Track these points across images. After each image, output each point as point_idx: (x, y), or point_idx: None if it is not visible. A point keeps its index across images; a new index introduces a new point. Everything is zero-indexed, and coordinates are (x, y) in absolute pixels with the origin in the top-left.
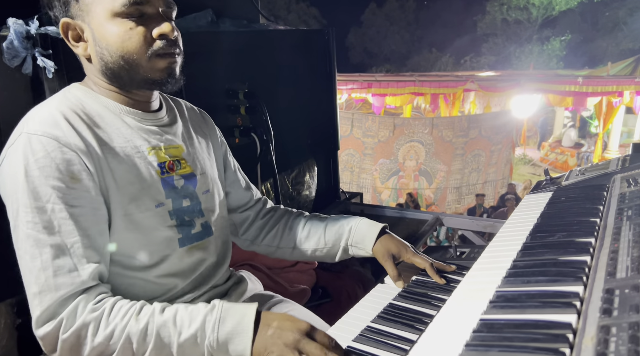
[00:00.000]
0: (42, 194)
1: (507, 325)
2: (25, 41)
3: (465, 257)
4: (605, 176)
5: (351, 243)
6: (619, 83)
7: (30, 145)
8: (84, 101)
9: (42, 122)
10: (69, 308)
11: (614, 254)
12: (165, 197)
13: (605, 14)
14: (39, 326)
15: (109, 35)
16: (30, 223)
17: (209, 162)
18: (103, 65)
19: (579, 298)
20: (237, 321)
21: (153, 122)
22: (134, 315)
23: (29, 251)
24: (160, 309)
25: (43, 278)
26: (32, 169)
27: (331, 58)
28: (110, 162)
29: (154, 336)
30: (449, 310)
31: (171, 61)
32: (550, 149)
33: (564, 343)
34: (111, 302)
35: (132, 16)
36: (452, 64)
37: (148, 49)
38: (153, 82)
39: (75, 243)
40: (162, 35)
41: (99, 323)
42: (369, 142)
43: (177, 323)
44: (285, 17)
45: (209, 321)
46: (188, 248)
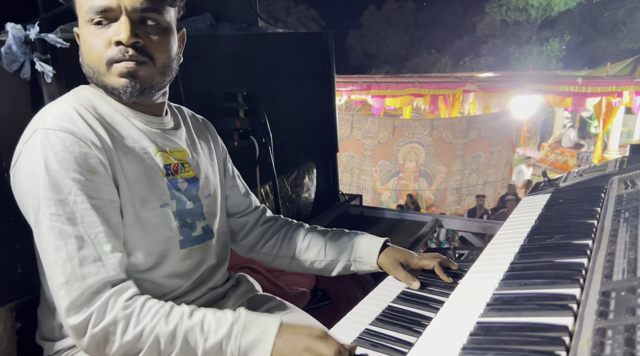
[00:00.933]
0: (63, 186)
1: (504, 328)
2: (24, 46)
3: (464, 259)
4: (603, 178)
5: (354, 259)
6: (618, 83)
7: (48, 139)
8: (93, 101)
9: (58, 117)
10: (99, 302)
11: (611, 257)
12: (170, 198)
13: (604, 14)
14: (69, 316)
15: (82, 43)
16: (54, 215)
17: (211, 168)
18: (87, 74)
19: (575, 300)
20: (260, 331)
21: (159, 126)
22: (164, 317)
23: (53, 243)
24: (189, 313)
25: (69, 268)
26: (51, 162)
27: (330, 60)
28: (121, 159)
29: (182, 339)
30: (446, 313)
31: (128, 67)
32: (550, 149)
33: (560, 346)
34: (141, 301)
35: (100, 24)
36: (452, 65)
37: (104, 56)
38: (114, 89)
39: (99, 233)
40: (117, 42)
41: (129, 322)
42: (369, 144)
43: (205, 328)
44: (285, 20)
45: (234, 329)
46: (189, 250)
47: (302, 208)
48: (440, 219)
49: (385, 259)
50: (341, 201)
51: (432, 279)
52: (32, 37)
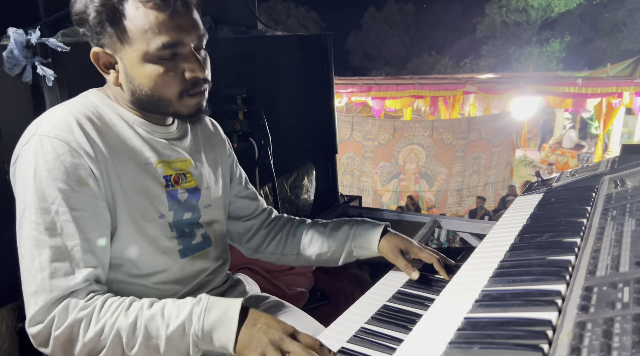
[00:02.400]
0: (48, 195)
1: (491, 323)
2: (25, 50)
3: (461, 258)
4: (594, 178)
5: (355, 245)
6: (618, 84)
7: (41, 146)
8: (99, 107)
9: (55, 125)
10: (60, 306)
11: (596, 254)
12: (167, 209)
13: (605, 15)
14: (32, 325)
15: (142, 76)
16: (34, 224)
17: (214, 176)
18: (134, 98)
19: (560, 296)
20: (222, 311)
21: (163, 135)
22: (123, 310)
23: (30, 251)
24: (149, 303)
25: (39, 279)
26: (41, 170)
27: (329, 62)
28: (119, 170)
29: (143, 329)
30: (436, 310)
31: (201, 99)
32: (551, 150)
33: (543, 339)
34: (102, 299)
35: (165, 58)
36: (452, 67)
37: (180, 90)
38: (181, 116)
39: (75, 246)
40: (193, 77)
41: (90, 320)
42: (369, 146)
43: (165, 315)
44: (285, 22)
45: (195, 311)
46: (190, 258)
47: (301, 210)
48: (438, 220)
49: (385, 245)
50: (340, 202)
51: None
52: (33, 42)
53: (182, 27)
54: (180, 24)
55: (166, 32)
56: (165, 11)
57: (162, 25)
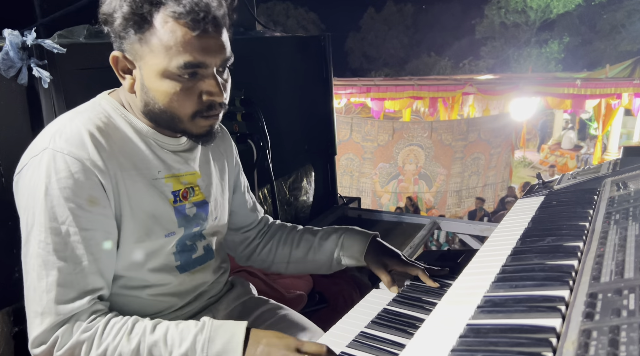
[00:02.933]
0: (58, 215)
1: (493, 330)
2: (21, 52)
3: (461, 261)
4: (596, 180)
5: (343, 254)
6: (617, 85)
7: (54, 163)
8: (112, 116)
9: (69, 140)
10: (65, 326)
11: (600, 259)
12: (177, 226)
13: (603, 16)
14: (36, 346)
15: (157, 90)
16: (42, 243)
17: (221, 187)
18: (146, 109)
19: (564, 302)
20: (226, 340)
21: (174, 147)
22: (126, 334)
23: (37, 270)
24: (152, 328)
25: (45, 300)
26: (53, 188)
27: (327, 63)
28: (129, 188)
29: (146, 355)
30: (437, 315)
31: (214, 122)
32: (550, 151)
33: (547, 347)
34: (105, 320)
35: (185, 76)
36: (451, 68)
37: (194, 110)
38: (190, 135)
39: (84, 269)
40: (211, 99)
41: (92, 342)
42: (369, 147)
43: (168, 342)
44: (284, 23)
45: (199, 340)
46: (190, 273)
47: (300, 211)
48: (438, 221)
49: (371, 258)
50: (339, 203)
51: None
52: (29, 43)
53: (207, 49)
54: (207, 46)
55: (190, 52)
56: (194, 31)
57: (188, 45)
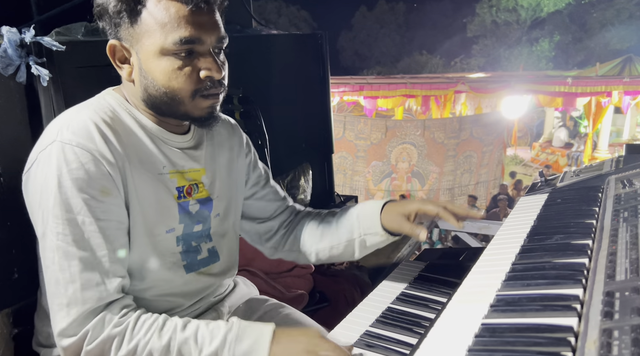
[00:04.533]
0: (73, 205)
1: (509, 329)
2: (19, 49)
3: (463, 259)
4: (599, 178)
5: (364, 232)
6: (607, 83)
7: (64, 155)
8: (116, 111)
9: (77, 132)
10: (95, 320)
11: (613, 257)
12: (178, 222)
13: (593, 15)
14: (64, 337)
15: (156, 70)
16: (61, 235)
17: (228, 182)
18: (145, 95)
19: (579, 301)
20: (253, 340)
21: (179, 145)
22: (157, 331)
23: (58, 262)
24: (182, 325)
25: (71, 291)
26: (65, 179)
27: (324, 62)
28: (136, 180)
29: (176, 352)
30: (449, 314)
31: (214, 101)
32: (541, 149)
33: (566, 347)
34: (135, 316)
35: (182, 54)
36: (443, 66)
37: (193, 89)
38: (192, 118)
39: (103, 257)
40: (209, 77)
41: (123, 337)
42: (362, 145)
43: (199, 340)
44: (276, 21)
45: (228, 339)
46: (196, 273)
47: None
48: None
49: (388, 219)
50: (336, 202)
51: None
52: (27, 41)
53: (202, 24)
54: (201, 21)
55: (185, 27)
56: (187, 5)
57: (182, 20)
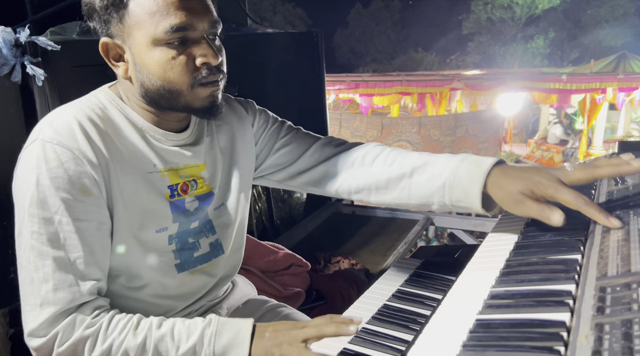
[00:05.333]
0: (50, 204)
1: (503, 325)
2: (14, 49)
3: (458, 256)
4: None
5: (452, 203)
6: (602, 80)
7: (44, 153)
8: (107, 109)
9: (58, 130)
10: (65, 321)
11: (604, 253)
12: (172, 221)
13: (588, 12)
14: (34, 337)
15: (150, 63)
16: (36, 234)
17: (233, 168)
18: (143, 90)
19: (571, 296)
20: (233, 334)
21: (175, 143)
22: (132, 330)
23: (32, 261)
24: (158, 323)
25: (44, 291)
26: (43, 178)
27: (320, 59)
28: (120, 180)
29: (152, 350)
30: (444, 311)
31: (214, 89)
32: (536, 146)
33: (558, 341)
34: (109, 316)
35: (175, 43)
36: (438, 63)
37: (191, 78)
38: (194, 110)
39: (78, 259)
40: (205, 63)
41: (97, 338)
42: None
43: (175, 337)
44: (271, 19)
45: (206, 334)
46: (190, 272)
47: (294, 208)
48: (431, 217)
49: (500, 195)
50: (333, 200)
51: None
52: (22, 40)
53: (192, 9)
54: (191, 6)
55: (175, 14)
56: None
57: (172, 6)
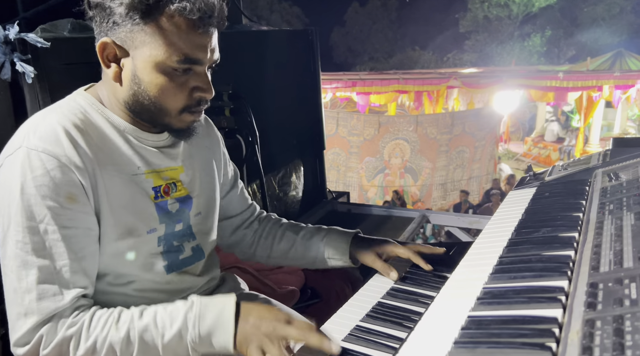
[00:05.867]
0: (36, 213)
1: (495, 321)
2: (4, 46)
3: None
4: (586, 171)
5: (328, 256)
6: (598, 78)
7: (29, 161)
8: (88, 112)
9: (43, 137)
10: (48, 325)
11: (597, 249)
12: (159, 222)
13: (584, 10)
14: (19, 346)
15: (150, 82)
16: (20, 243)
17: (207, 180)
18: (132, 99)
19: (564, 292)
20: (216, 314)
21: (154, 143)
22: (114, 324)
23: (16, 271)
24: (139, 314)
25: (27, 301)
26: (29, 186)
27: (315, 58)
28: (107, 184)
29: (137, 341)
30: (437, 307)
31: (198, 116)
32: (533, 143)
33: (550, 338)
34: (90, 313)
35: (179, 72)
36: (435, 62)
37: (183, 105)
38: (172, 130)
39: (64, 267)
40: (201, 96)
41: (80, 337)
42: (355, 141)
43: (159, 324)
44: (268, 17)
45: (189, 318)
46: (176, 273)
47: (289, 207)
48: (427, 214)
49: (361, 253)
50: (329, 198)
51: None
52: (12, 37)
53: (205, 46)
54: (205, 44)
55: (191, 49)
56: (199, 29)
57: (190, 41)
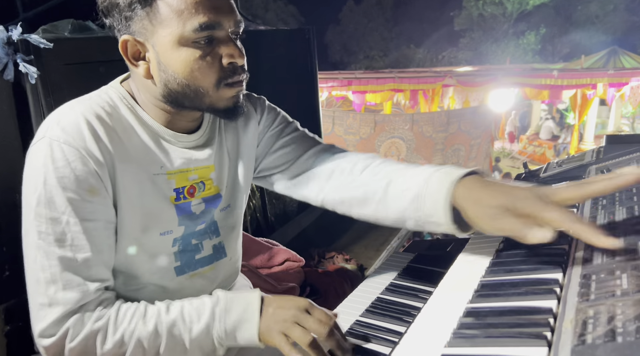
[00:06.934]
0: (58, 204)
1: (492, 312)
2: (7, 47)
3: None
4: (581, 168)
5: (425, 217)
6: (592, 76)
7: (51, 152)
8: (118, 107)
9: (65, 129)
10: (74, 318)
11: None
12: (177, 224)
13: (578, 8)
14: (45, 337)
15: (176, 62)
16: (43, 234)
17: (234, 169)
18: (166, 90)
19: (558, 284)
20: (242, 309)
21: (185, 144)
22: (141, 318)
23: (39, 261)
24: (166, 308)
25: (52, 291)
26: (50, 177)
27: (312, 57)
28: (126, 181)
29: (165, 335)
30: (435, 301)
31: (239, 90)
32: (529, 141)
33: (545, 327)
34: (115, 308)
35: (202, 42)
36: (430, 60)
37: (217, 77)
38: (218, 111)
39: (86, 260)
40: (231, 63)
41: (107, 331)
42: (351, 140)
43: (186, 319)
44: (263, 16)
45: (216, 312)
46: (189, 275)
47: (288, 205)
48: None
49: (474, 208)
50: None
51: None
52: (14, 38)
53: (219, 8)
54: (218, 5)
55: (203, 12)
56: None
57: (200, 5)
